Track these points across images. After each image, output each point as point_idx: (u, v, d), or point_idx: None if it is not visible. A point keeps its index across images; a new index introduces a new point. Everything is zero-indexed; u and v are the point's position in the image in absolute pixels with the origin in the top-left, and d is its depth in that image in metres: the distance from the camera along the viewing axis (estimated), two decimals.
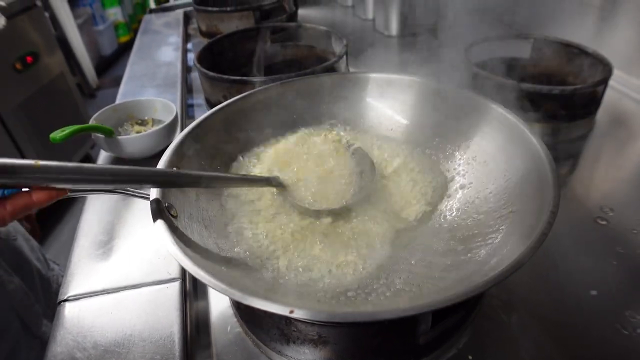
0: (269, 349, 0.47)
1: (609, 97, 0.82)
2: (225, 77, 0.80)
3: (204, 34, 1.29)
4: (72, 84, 2.30)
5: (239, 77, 0.78)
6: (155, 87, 1.06)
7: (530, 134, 0.48)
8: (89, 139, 2.21)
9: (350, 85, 0.66)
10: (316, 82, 0.66)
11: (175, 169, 0.48)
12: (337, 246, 0.49)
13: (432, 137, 0.61)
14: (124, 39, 3.77)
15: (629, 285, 0.52)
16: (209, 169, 0.56)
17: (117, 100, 0.98)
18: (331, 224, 0.52)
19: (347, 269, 0.47)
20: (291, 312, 0.31)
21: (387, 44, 1.26)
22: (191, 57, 1.29)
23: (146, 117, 0.86)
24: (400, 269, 0.47)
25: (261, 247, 0.49)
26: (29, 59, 1.92)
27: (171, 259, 0.57)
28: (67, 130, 0.67)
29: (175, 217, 0.43)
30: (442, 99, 0.60)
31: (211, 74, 0.82)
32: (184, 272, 0.55)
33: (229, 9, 1.19)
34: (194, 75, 1.20)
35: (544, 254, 0.51)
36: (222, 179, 0.52)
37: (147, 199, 0.43)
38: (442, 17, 1.24)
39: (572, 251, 0.56)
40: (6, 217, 0.39)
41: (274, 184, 0.54)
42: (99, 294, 0.53)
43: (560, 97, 0.73)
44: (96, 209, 0.67)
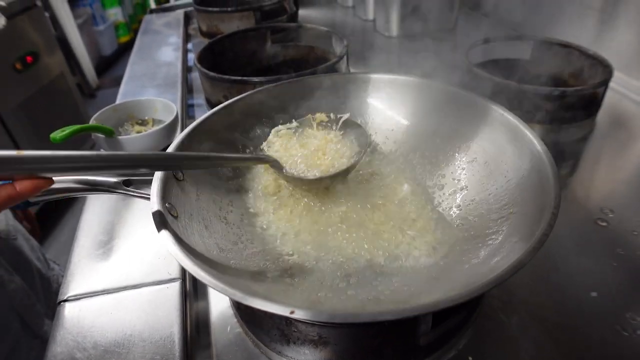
0: (269, 350, 0.47)
1: (610, 98, 0.83)
2: (225, 77, 0.80)
3: (204, 34, 1.29)
4: (72, 84, 2.30)
5: (239, 77, 0.78)
6: (155, 87, 1.06)
7: (531, 135, 0.48)
8: (89, 139, 2.21)
9: (350, 85, 0.66)
10: (317, 83, 0.66)
11: (165, 152, 0.48)
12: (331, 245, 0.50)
13: (432, 137, 0.61)
14: (124, 39, 3.77)
15: (629, 286, 0.52)
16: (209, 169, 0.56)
17: (118, 100, 0.98)
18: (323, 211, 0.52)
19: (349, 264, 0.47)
20: (292, 312, 0.31)
21: (387, 44, 1.26)
22: (191, 57, 1.29)
23: (146, 117, 0.86)
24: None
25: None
26: (29, 59, 1.92)
27: (171, 259, 0.57)
28: (68, 130, 0.67)
29: (175, 217, 0.43)
30: (442, 100, 0.60)
31: (212, 74, 0.82)
32: (184, 272, 0.55)
33: (229, 9, 1.19)
34: (195, 75, 1.20)
35: (545, 255, 0.51)
36: (216, 158, 0.51)
37: (148, 199, 0.43)
38: (442, 18, 1.24)
39: (573, 252, 0.56)
40: None
41: (269, 161, 0.54)
42: (99, 294, 0.53)
43: (560, 99, 0.73)
44: (96, 209, 0.67)
